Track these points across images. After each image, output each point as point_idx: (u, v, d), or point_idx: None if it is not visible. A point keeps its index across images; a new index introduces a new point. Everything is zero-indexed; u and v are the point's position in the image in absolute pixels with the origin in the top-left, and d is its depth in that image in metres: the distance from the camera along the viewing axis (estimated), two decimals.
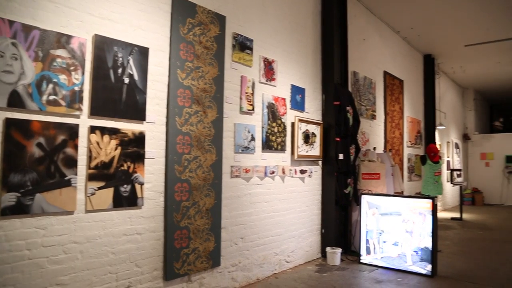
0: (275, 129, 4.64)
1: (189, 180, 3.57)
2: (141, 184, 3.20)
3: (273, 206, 4.62)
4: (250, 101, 4.29)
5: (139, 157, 3.18)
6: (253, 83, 4.35)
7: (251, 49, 4.35)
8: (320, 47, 5.60)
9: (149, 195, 3.26)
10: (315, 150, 5.23)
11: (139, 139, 3.19)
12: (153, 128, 3.32)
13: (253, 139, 4.30)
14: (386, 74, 7.53)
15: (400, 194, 6.30)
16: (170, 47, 3.47)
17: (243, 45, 4.25)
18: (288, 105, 4.90)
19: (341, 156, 5.37)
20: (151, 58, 3.31)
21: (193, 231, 3.59)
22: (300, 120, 4.97)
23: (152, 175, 3.29)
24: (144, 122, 3.25)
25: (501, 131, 15.30)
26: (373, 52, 7.17)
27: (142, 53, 3.23)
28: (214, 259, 3.80)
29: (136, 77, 3.18)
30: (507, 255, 5.81)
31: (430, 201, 4.71)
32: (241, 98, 4.18)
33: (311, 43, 5.43)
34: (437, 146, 10.01)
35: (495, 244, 6.57)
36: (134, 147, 3.15)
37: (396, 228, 4.88)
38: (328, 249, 5.14)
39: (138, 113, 3.19)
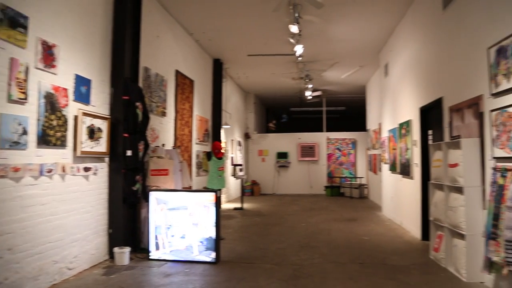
0: (54, 122, 4.13)
1: None
2: None
3: (51, 209, 4.10)
4: (22, 89, 3.68)
5: None
6: (27, 68, 3.75)
7: (25, 27, 3.72)
8: (111, 38, 5.31)
9: None
10: (101, 146, 4.92)
11: None
12: None
13: (25, 132, 3.71)
14: (178, 73, 7.76)
15: (187, 189, 6.61)
16: None
17: (15, 22, 3.60)
18: (71, 96, 4.44)
19: (129, 153, 5.23)
20: None
21: None
22: (85, 114, 4.58)
23: None
24: None
25: (274, 131, 18.00)
26: (166, 50, 7.27)
27: None
28: None
29: None
30: (275, 235, 6.85)
31: (213, 194, 5.11)
32: (9, 84, 3.54)
33: (101, 32, 5.08)
34: (222, 143, 10.96)
35: (267, 228, 7.65)
36: None
37: (183, 221, 5.09)
38: (116, 249, 4.93)
39: None
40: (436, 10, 5.64)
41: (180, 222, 5.10)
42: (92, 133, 4.72)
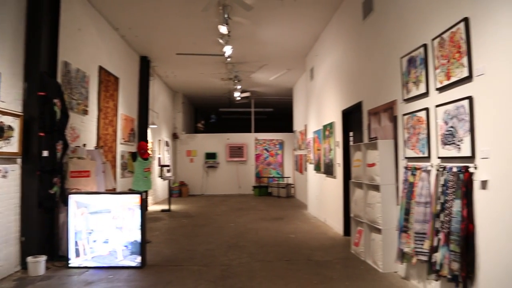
0: None
1: None
2: None
3: None
4: None
5: None
6: None
7: None
8: (25, 28, 4.87)
9: None
10: (13, 146, 4.49)
11: None
12: None
13: None
14: (101, 69, 7.37)
15: (111, 191, 6.30)
16: None
17: None
18: None
19: (45, 153, 4.84)
20: None
21: None
22: None
23: None
24: None
25: (202, 131, 17.87)
26: (88, 45, 6.86)
27: None
28: None
29: None
30: (203, 237, 6.80)
31: (138, 196, 4.93)
32: None
33: (12, 20, 4.63)
34: (149, 143, 10.63)
35: (195, 229, 7.57)
36: None
37: (106, 225, 4.84)
38: (29, 258, 4.53)
39: None
40: (357, 20, 6.01)
41: (103, 226, 4.84)
42: (2, 131, 4.29)
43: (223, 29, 7.05)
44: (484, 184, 2.97)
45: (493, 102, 2.87)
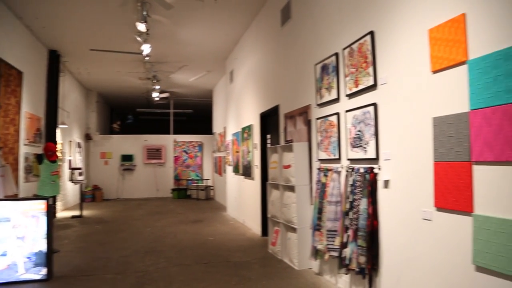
0: None
1: None
2: None
3: None
4: None
5: None
6: None
7: None
8: None
9: None
10: None
11: None
12: None
13: None
14: (2, 61, 6.66)
15: (11, 197, 5.74)
16: None
17: None
18: None
19: None
20: None
21: None
22: None
23: None
24: None
25: (118, 132, 17.06)
26: None
27: None
28: None
29: None
30: (118, 243, 6.48)
31: (44, 202, 4.54)
32: None
33: None
34: (58, 145, 9.86)
35: (109, 235, 7.18)
36: None
37: (5, 236, 4.38)
38: None
39: None
40: (276, 27, 6.21)
41: (1, 237, 4.37)
42: None
43: (142, 27, 6.81)
44: (386, 184, 3.25)
45: (393, 108, 3.17)
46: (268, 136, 6.87)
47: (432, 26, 2.71)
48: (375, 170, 3.36)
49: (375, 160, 3.39)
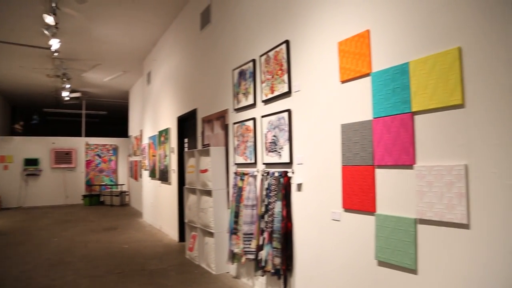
0: None
1: None
2: None
3: None
4: None
5: None
6: None
7: None
8: None
9: None
10: None
11: None
12: None
13: None
14: None
15: None
16: None
17: None
18: None
19: None
20: None
21: None
22: None
23: None
24: None
25: (21, 134, 15.52)
26: None
27: None
28: None
29: None
30: (18, 257, 5.87)
31: None
32: None
33: None
34: None
35: (8, 249, 6.49)
36: None
37: None
38: None
39: None
40: (195, 30, 6.16)
41: None
42: None
43: (50, 19, 6.28)
44: (299, 187, 3.39)
45: (306, 115, 3.32)
46: (186, 140, 6.78)
47: (341, 39, 2.90)
48: (289, 174, 3.49)
49: (289, 164, 3.52)
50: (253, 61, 4.18)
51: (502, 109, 1.86)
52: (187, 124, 6.67)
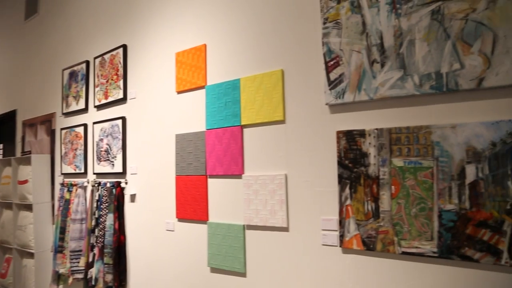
0: None
1: None
2: None
3: None
4: None
5: None
6: None
7: None
8: None
9: None
10: None
11: None
12: None
13: None
14: None
15: None
16: None
17: None
18: None
19: None
20: None
21: None
22: None
23: None
24: None
25: None
26: None
27: None
28: None
29: None
30: None
31: None
32: None
33: None
34: None
35: None
36: None
37: None
38: None
39: None
40: (18, 19, 5.37)
41: None
42: None
43: None
44: (133, 198, 3.26)
45: (142, 123, 3.22)
46: (1, 146, 5.83)
47: (179, 50, 2.92)
48: (122, 185, 3.32)
49: (123, 174, 3.35)
50: (87, 62, 3.87)
51: (310, 126, 2.15)
52: (3, 128, 5.73)
